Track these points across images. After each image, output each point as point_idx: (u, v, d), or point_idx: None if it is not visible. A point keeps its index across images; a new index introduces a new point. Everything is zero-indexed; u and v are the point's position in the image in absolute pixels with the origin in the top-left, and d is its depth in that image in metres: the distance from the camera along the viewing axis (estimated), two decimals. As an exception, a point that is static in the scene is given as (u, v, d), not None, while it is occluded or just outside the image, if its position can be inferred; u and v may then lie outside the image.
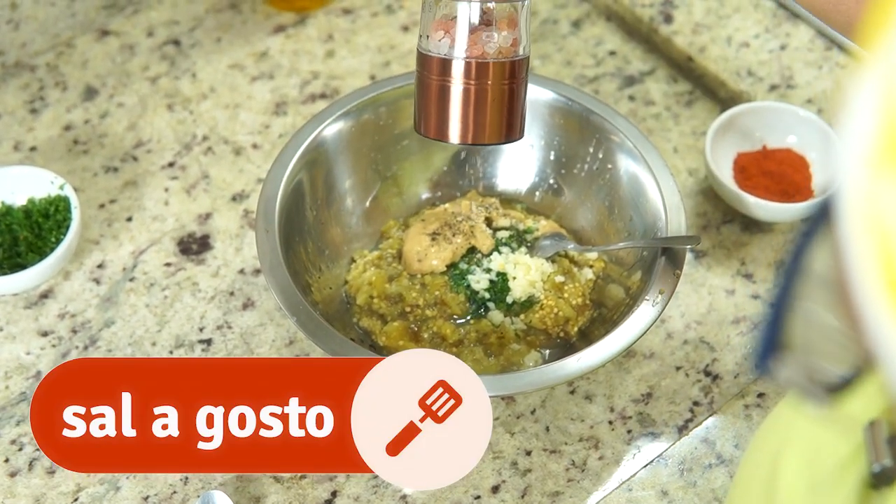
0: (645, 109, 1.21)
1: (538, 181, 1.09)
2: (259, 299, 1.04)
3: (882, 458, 0.46)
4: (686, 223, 0.95)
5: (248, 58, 1.26)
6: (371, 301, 0.99)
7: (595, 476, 0.92)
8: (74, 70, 1.24)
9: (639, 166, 0.99)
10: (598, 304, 1.01)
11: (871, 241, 0.32)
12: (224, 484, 0.91)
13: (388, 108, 1.05)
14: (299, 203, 0.99)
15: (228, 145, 1.17)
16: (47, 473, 0.92)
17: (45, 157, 1.16)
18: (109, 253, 1.08)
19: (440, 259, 0.99)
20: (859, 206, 0.33)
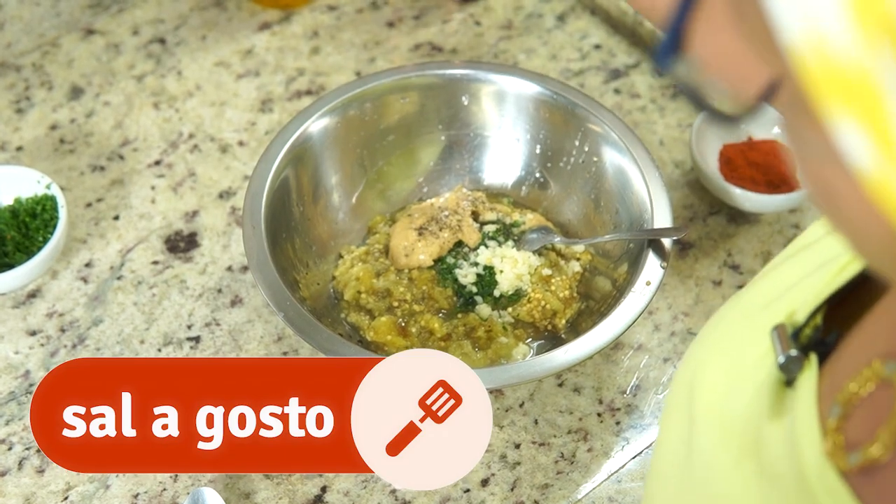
0: (630, 102, 1.21)
1: (524, 175, 1.09)
2: (247, 296, 1.04)
3: (787, 350, 0.51)
4: (672, 215, 0.95)
5: (233, 55, 1.26)
6: (359, 296, 0.99)
7: (584, 468, 0.92)
8: (60, 69, 1.24)
9: (624, 159, 1.00)
10: (585, 296, 1.01)
11: None
12: (214, 481, 0.91)
13: (373, 104, 1.05)
14: (286, 199, 0.99)
15: (215, 143, 1.17)
16: (37, 472, 0.92)
17: (31, 157, 1.15)
18: (97, 252, 1.08)
19: (427, 253, 0.99)
20: None
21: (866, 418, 0.47)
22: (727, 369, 0.57)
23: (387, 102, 1.05)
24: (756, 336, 0.55)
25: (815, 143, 0.36)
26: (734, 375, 0.56)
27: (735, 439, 0.53)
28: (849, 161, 0.33)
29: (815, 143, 0.36)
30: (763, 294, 0.60)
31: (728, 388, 0.55)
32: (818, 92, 0.33)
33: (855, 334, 0.51)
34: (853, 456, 0.45)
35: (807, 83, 0.33)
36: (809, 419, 0.48)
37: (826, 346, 0.52)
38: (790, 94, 0.37)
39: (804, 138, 0.37)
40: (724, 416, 0.55)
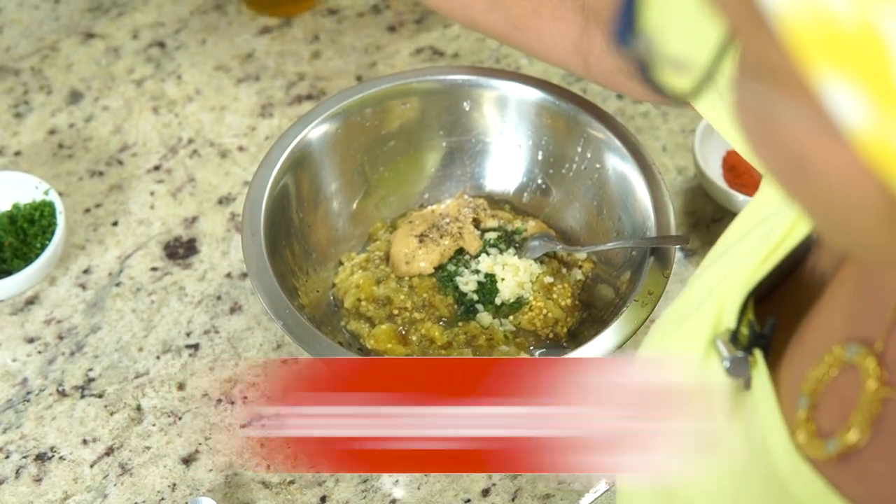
0: (633, 108, 1.20)
1: (526, 181, 1.08)
2: (246, 303, 1.03)
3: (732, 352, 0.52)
4: (675, 222, 0.94)
5: (233, 59, 1.26)
6: (359, 304, 0.98)
7: (585, 479, 0.91)
8: (59, 73, 1.24)
9: (627, 165, 0.99)
10: (587, 304, 1.00)
11: None
12: (212, 490, 0.90)
13: (374, 110, 1.04)
14: (286, 206, 0.98)
15: (214, 148, 1.17)
16: (34, 481, 0.91)
17: (29, 162, 1.15)
18: (95, 258, 1.07)
19: (428, 261, 0.99)
20: None
21: (836, 405, 0.47)
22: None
23: (388, 108, 1.05)
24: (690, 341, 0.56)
25: (790, 108, 0.34)
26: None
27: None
28: (840, 123, 0.32)
29: (790, 108, 0.34)
30: (691, 299, 0.60)
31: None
32: (807, 53, 0.31)
33: (806, 324, 0.51)
34: (830, 444, 0.45)
35: (793, 45, 0.32)
36: (772, 414, 0.48)
37: (765, 338, 0.52)
38: (755, 57, 0.35)
39: (771, 104, 0.35)
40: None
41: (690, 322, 0.57)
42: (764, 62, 0.35)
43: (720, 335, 0.53)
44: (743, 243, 0.59)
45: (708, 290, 0.58)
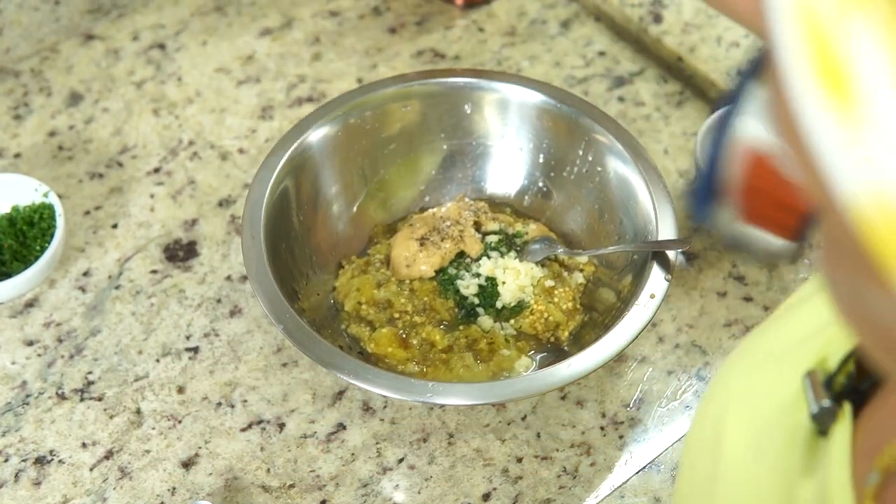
0: (635, 110, 1.20)
1: (527, 184, 1.08)
2: (246, 306, 1.03)
3: (820, 399, 0.48)
4: (677, 226, 0.94)
5: (234, 61, 1.25)
6: (359, 307, 0.98)
7: (587, 482, 0.91)
8: (59, 75, 1.23)
9: (629, 168, 0.98)
10: (588, 308, 1.00)
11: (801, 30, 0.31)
12: (212, 494, 0.90)
13: (374, 113, 1.04)
14: (286, 208, 0.98)
15: (214, 150, 1.16)
16: (33, 485, 0.91)
17: (29, 164, 1.14)
18: (95, 260, 1.06)
19: (429, 264, 0.98)
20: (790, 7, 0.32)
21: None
22: (753, 417, 0.54)
23: (388, 111, 1.04)
24: (783, 378, 0.53)
25: (872, 294, 0.33)
26: (761, 424, 0.53)
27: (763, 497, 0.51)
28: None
29: (872, 294, 0.33)
30: (789, 333, 0.57)
31: (756, 441, 0.53)
32: (883, 251, 0.30)
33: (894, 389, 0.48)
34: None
35: (867, 240, 0.31)
36: (842, 479, 0.46)
37: (860, 394, 0.49)
38: (836, 241, 0.34)
39: (854, 286, 0.34)
40: (751, 472, 0.52)
41: (793, 355, 0.54)
42: (843, 247, 0.34)
43: (814, 374, 0.50)
44: None
45: (816, 325, 0.54)
